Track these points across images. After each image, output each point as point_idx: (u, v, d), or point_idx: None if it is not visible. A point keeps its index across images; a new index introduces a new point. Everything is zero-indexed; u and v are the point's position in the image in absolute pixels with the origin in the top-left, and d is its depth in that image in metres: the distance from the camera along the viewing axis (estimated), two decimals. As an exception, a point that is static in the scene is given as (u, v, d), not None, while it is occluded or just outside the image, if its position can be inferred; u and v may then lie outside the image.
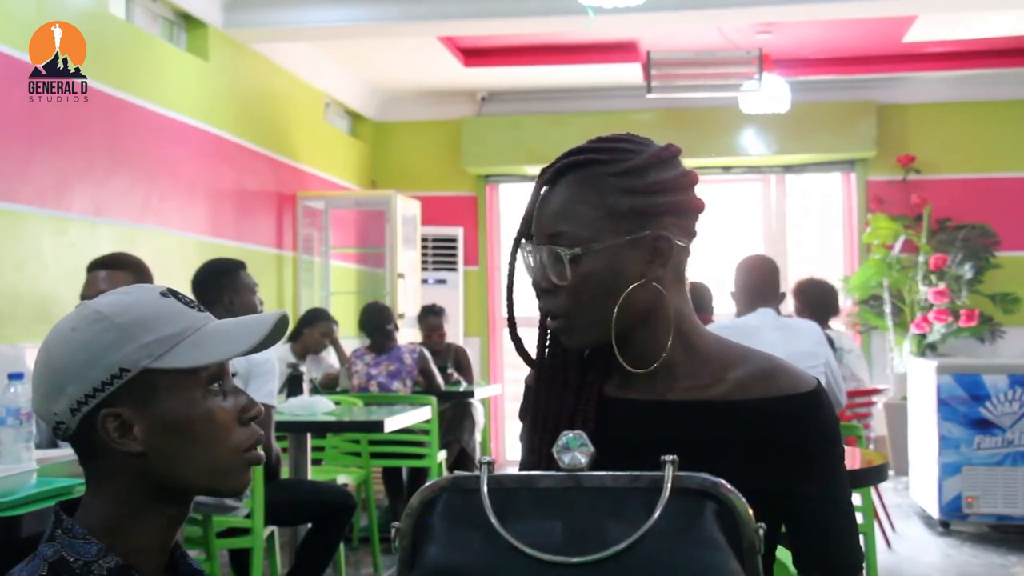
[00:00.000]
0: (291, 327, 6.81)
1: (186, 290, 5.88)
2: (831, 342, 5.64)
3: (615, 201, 1.47)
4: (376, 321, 6.61)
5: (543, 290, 1.50)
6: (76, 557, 1.29)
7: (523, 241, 1.53)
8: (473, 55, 8.36)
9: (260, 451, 1.40)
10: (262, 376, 3.90)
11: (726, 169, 9.44)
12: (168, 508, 1.35)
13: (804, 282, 6.15)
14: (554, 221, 1.48)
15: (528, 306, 1.60)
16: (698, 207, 1.52)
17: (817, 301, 5.91)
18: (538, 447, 1.54)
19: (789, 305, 5.84)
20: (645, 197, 1.47)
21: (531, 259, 1.52)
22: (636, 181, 1.47)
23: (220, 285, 4.23)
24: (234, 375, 1.41)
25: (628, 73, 8.55)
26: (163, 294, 1.37)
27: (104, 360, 1.30)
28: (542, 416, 1.54)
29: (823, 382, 3.74)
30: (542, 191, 1.52)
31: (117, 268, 3.68)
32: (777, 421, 1.46)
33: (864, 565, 1.55)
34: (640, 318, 1.49)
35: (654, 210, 1.47)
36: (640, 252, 1.47)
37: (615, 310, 1.47)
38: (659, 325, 1.50)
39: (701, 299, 5.57)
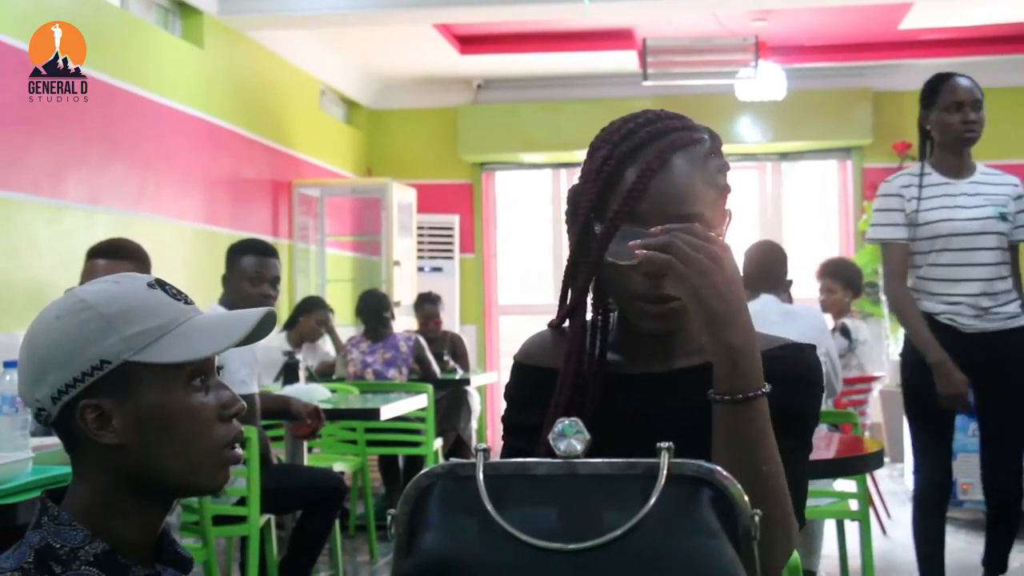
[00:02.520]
0: (287, 315, 6.82)
1: (184, 276, 5.89)
2: (848, 332, 5.62)
3: (718, 180, 1.50)
4: (373, 308, 6.62)
5: (665, 274, 1.40)
6: (62, 544, 1.29)
7: (621, 226, 1.43)
8: (469, 42, 8.34)
9: (239, 450, 1.39)
10: (231, 367, 3.93)
11: (722, 156, 9.43)
12: (148, 502, 1.34)
13: (835, 261, 6.11)
14: (688, 203, 1.44)
15: (515, 295, 1.58)
16: None
17: (850, 281, 5.91)
18: (532, 426, 1.54)
19: (803, 290, 5.77)
20: (725, 175, 1.53)
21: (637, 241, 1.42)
22: (722, 160, 1.52)
23: (226, 264, 4.35)
24: (220, 368, 1.41)
25: (624, 60, 8.54)
26: (150, 285, 1.35)
27: (86, 350, 1.29)
28: (554, 395, 1.53)
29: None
30: (647, 174, 1.44)
31: (118, 258, 3.59)
32: (769, 369, 1.46)
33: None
34: None
35: (729, 187, 1.53)
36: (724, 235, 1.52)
37: None
38: None
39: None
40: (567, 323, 1.56)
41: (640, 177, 1.44)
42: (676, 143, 1.46)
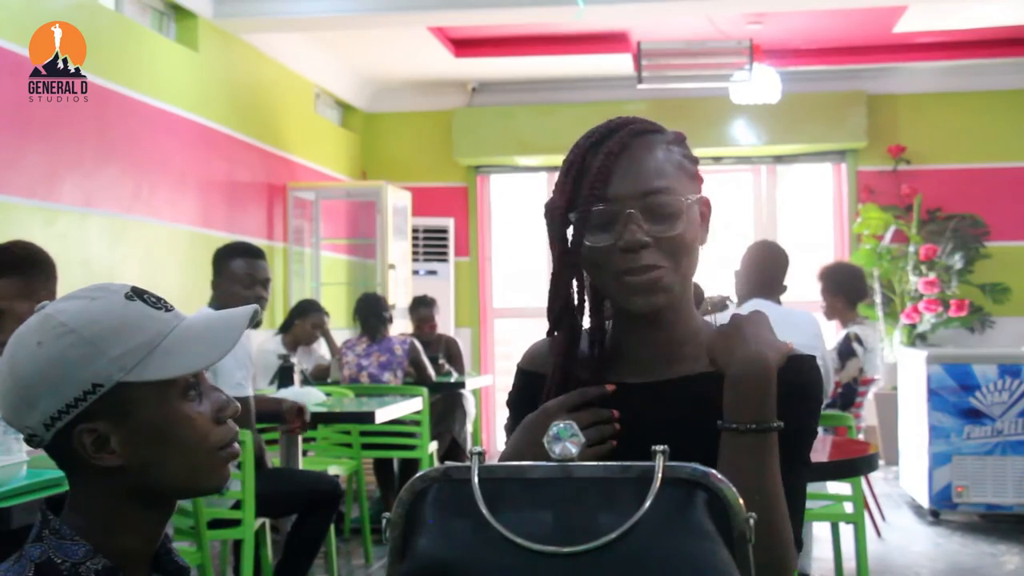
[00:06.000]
0: (282, 319, 6.80)
1: (178, 279, 5.88)
2: (861, 340, 5.60)
3: (683, 163, 1.53)
4: (373, 307, 6.62)
5: (643, 246, 1.46)
6: (63, 559, 1.27)
7: (592, 208, 1.48)
8: (463, 45, 8.34)
9: (236, 446, 1.38)
10: (226, 370, 3.92)
11: (717, 160, 9.44)
12: (150, 512, 1.34)
13: (832, 266, 6.11)
14: (653, 177, 1.48)
15: (510, 298, 1.58)
16: None
17: (848, 286, 5.88)
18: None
19: (802, 292, 5.72)
20: (694, 164, 1.55)
21: (612, 220, 1.47)
22: (687, 150, 1.56)
23: (214, 269, 4.35)
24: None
25: (619, 63, 8.55)
26: (128, 297, 1.32)
27: (75, 376, 1.26)
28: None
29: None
30: (610, 157, 1.48)
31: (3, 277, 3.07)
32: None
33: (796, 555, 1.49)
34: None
35: (700, 177, 1.56)
36: (697, 214, 1.53)
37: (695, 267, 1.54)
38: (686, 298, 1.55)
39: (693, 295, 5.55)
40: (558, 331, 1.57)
41: (604, 161, 1.48)
42: (635, 129, 1.52)
